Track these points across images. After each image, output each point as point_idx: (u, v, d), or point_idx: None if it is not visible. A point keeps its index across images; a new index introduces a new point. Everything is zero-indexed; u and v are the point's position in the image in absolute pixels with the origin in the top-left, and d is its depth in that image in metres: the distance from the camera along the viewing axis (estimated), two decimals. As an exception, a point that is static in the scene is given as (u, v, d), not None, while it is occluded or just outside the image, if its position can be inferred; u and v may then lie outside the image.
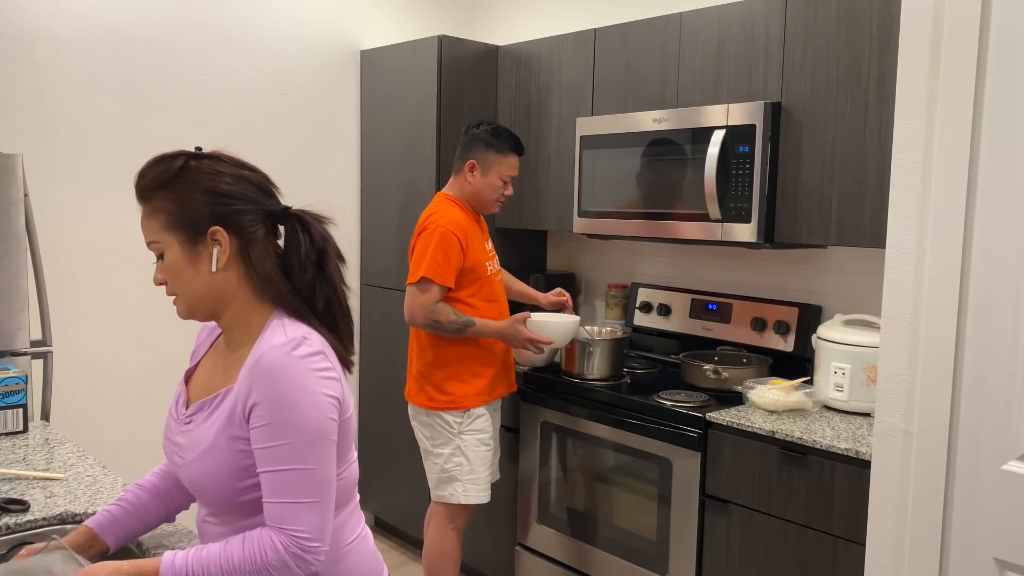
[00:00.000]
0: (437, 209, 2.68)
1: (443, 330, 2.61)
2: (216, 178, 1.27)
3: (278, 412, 1.20)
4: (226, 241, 1.27)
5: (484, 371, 2.72)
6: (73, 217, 3.03)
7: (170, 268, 1.28)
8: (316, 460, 1.21)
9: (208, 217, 1.26)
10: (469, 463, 2.71)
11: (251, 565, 1.19)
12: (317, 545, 1.21)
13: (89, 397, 3.11)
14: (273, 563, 1.19)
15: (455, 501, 2.72)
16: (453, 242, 2.59)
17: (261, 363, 1.22)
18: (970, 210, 1.78)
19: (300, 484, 1.20)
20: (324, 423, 1.23)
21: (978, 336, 1.78)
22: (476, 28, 4.11)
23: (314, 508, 1.21)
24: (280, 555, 1.19)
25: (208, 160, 1.29)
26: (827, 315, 2.83)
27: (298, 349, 1.23)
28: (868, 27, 2.36)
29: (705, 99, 2.76)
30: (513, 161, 2.75)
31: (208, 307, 1.31)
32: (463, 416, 2.70)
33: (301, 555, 1.20)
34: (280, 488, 1.21)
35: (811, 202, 2.52)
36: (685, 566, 2.54)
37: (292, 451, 1.20)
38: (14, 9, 2.86)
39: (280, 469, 1.20)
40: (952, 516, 1.85)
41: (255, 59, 3.43)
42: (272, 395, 1.20)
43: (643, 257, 3.44)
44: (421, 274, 2.58)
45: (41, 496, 1.68)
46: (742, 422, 2.39)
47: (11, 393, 2.10)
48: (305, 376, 1.22)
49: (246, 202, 1.29)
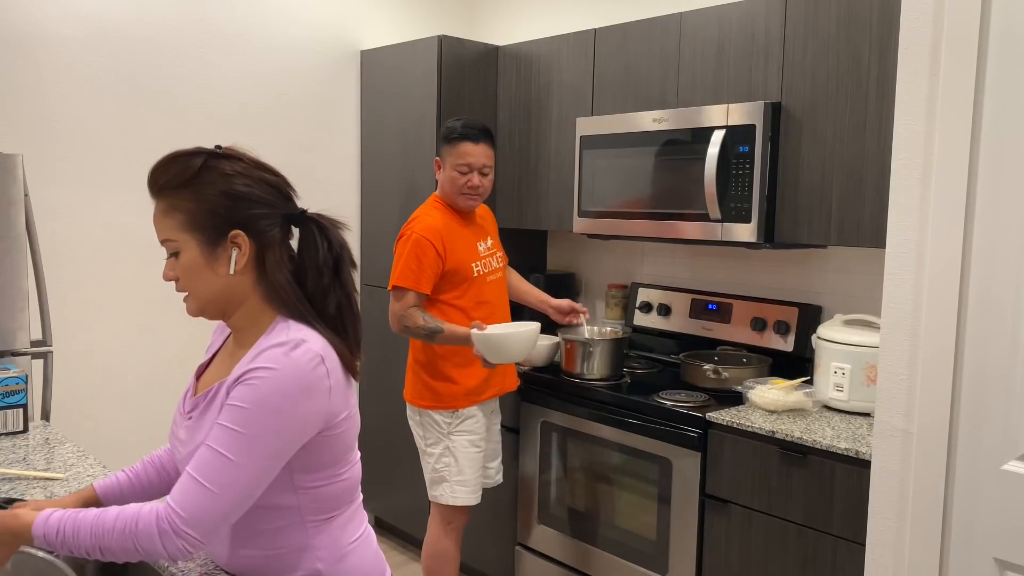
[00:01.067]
0: (417, 215, 2.68)
1: (414, 335, 2.61)
2: (236, 179, 1.26)
3: (243, 400, 1.19)
4: (246, 245, 1.27)
5: (474, 372, 2.68)
6: (73, 217, 3.03)
7: (185, 268, 1.28)
8: (244, 459, 1.18)
9: (228, 220, 1.26)
10: (457, 464, 2.69)
11: (120, 530, 1.16)
12: (190, 533, 1.15)
13: (89, 397, 3.11)
14: (141, 531, 1.15)
15: (444, 502, 2.71)
16: (427, 248, 2.57)
17: (256, 358, 1.22)
18: (970, 210, 1.78)
19: (214, 468, 1.17)
20: (280, 432, 1.19)
21: (978, 336, 1.78)
22: (476, 28, 4.11)
23: (209, 496, 1.16)
24: (149, 523, 1.15)
25: (227, 160, 1.28)
26: (827, 315, 2.83)
27: (295, 351, 1.22)
28: (868, 27, 2.36)
29: (705, 99, 2.76)
30: (464, 148, 2.62)
31: (219, 307, 1.31)
32: (452, 416, 2.69)
33: (169, 532, 1.15)
34: (197, 462, 1.18)
35: (811, 202, 2.52)
36: (685, 566, 2.54)
37: (230, 437, 1.18)
38: (14, 9, 2.86)
39: (209, 446, 1.18)
40: (952, 516, 1.85)
41: (255, 59, 3.43)
42: (248, 383, 1.19)
43: (643, 257, 3.44)
44: (393, 282, 2.59)
45: (41, 496, 1.68)
46: (742, 422, 2.39)
47: (11, 393, 2.10)
48: (290, 380, 1.20)
49: (265, 206, 1.29)
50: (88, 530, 1.16)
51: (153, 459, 1.49)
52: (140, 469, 1.47)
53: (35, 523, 1.18)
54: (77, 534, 1.17)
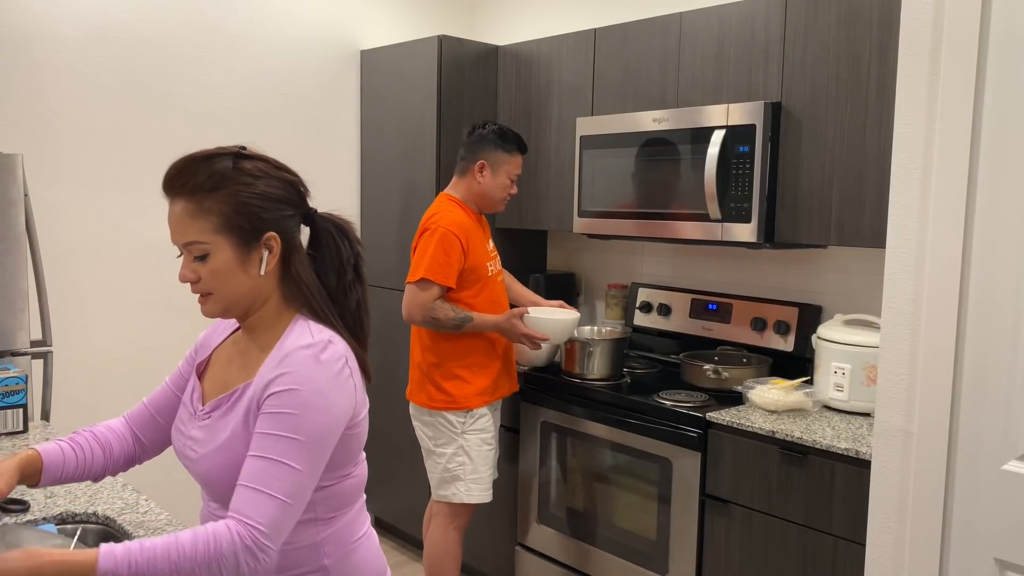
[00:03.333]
0: (439, 210, 2.68)
1: (441, 327, 2.62)
2: (265, 180, 1.27)
3: (290, 406, 1.20)
4: (278, 246, 1.29)
5: (486, 371, 2.72)
6: (73, 217, 3.03)
7: (216, 270, 1.26)
8: (305, 464, 1.20)
9: (263, 221, 1.27)
10: (472, 462, 2.71)
11: (203, 555, 1.12)
12: (270, 545, 1.16)
13: (89, 397, 3.11)
14: (225, 553, 1.13)
15: (458, 500, 2.72)
16: (454, 242, 2.60)
17: (287, 360, 1.23)
18: (970, 210, 1.78)
19: (281, 479, 1.18)
20: (328, 432, 1.23)
21: (978, 336, 1.78)
22: (476, 28, 4.11)
23: (282, 508, 1.18)
24: (234, 546, 1.13)
25: (252, 161, 1.28)
26: (827, 315, 2.83)
27: (324, 353, 1.25)
28: (868, 27, 2.36)
29: (705, 99, 2.76)
30: (520, 160, 2.79)
31: (243, 308, 1.32)
32: (466, 416, 2.70)
33: (254, 550, 1.14)
34: (260, 475, 1.18)
35: (811, 202, 2.52)
36: (685, 566, 2.54)
37: (288, 446, 1.19)
38: (14, 9, 2.86)
39: (269, 457, 1.18)
40: (952, 516, 1.84)
41: (255, 59, 3.43)
42: (289, 389, 1.21)
43: (643, 257, 3.44)
44: (421, 274, 2.59)
45: (41, 496, 1.68)
46: (742, 422, 2.39)
47: (11, 393, 2.10)
48: (326, 381, 1.23)
49: (290, 206, 1.30)
50: (165, 559, 1.11)
51: (97, 434, 1.45)
52: (83, 443, 1.42)
53: (100, 557, 1.10)
54: (154, 565, 1.11)
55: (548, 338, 2.70)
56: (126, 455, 1.47)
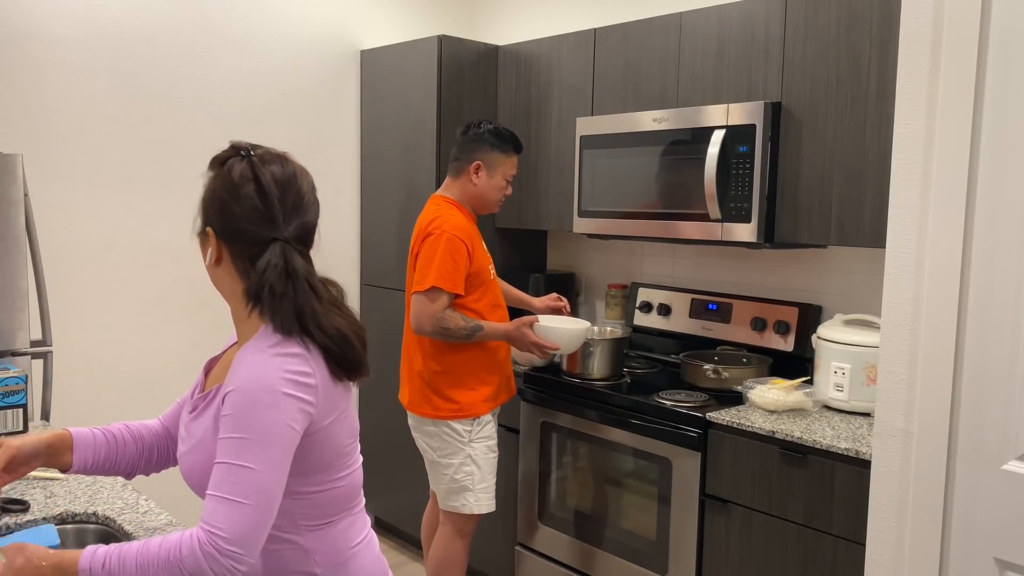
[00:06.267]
0: (439, 213, 2.61)
1: (451, 336, 2.55)
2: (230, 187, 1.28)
3: (237, 406, 1.19)
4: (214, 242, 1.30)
5: (490, 378, 2.68)
6: (73, 217, 3.03)
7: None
8: (258, 462, 1.17)
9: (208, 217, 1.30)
10: (480, 471, 2.66)
11: (165, 559, 1.15)
12: (234, 550, 1.15)
13: (89, 397, 3.11)
14: (186, 558, 1.14)
15: (467, 511, 2.67)
16: (460, 247, 2.54)
17: (241, 364, 1.23)
18: (970, 209, 1.78)
19: (234, 481, 1.17)
20: (279, 427, 1.19)
21: (978, 336, 1.78)
22: (476, 28, 4.11)
23: (240, 510, 1.16)
24: (194, 551, 1.14)
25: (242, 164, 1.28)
26: (827, 315, 2.83)
27: (276, 347, 1.23)
28: (868, 27, 2.36)
29: (705, 99, 2.76)
30: (515, 160, 2.75)
31: (228, 302, 1.35)
32: (472, 424, 2.65)
33: (215, 555, 1.14)
34: (219, 482, 1.18)
35: (811, 202, 2.52)
36: (685, 566, 2.54)
37: (238, 446, 1.18)
38: (14, 9, 2.86)
39: (225, 462, 1.18)
40: (952, 516, 1.84)
41: (255, 59, 3.43)
42: (238, 387, 1.20)
43: (643, 257, 3.44)
44: (431, 283, 2.51)
45: (41, 496, 1.68)
46: (742, 422, 2.39)
47: (11, 393, 2.10)
48: (274, 376, 1.20)
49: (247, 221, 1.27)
50: (133, 561, 1.15)
51: (129, 426, 1.48)
52: (118, 432, 1.46)
53: (81, 557, 1.16)
54: (123, 566, 1.15)
55: (559, 348, 2.68)
56: (159, 450, 1.49)
